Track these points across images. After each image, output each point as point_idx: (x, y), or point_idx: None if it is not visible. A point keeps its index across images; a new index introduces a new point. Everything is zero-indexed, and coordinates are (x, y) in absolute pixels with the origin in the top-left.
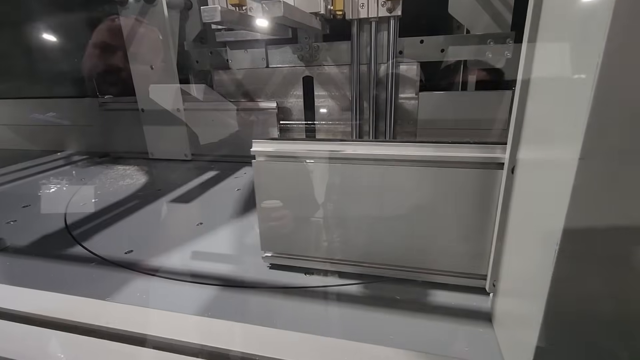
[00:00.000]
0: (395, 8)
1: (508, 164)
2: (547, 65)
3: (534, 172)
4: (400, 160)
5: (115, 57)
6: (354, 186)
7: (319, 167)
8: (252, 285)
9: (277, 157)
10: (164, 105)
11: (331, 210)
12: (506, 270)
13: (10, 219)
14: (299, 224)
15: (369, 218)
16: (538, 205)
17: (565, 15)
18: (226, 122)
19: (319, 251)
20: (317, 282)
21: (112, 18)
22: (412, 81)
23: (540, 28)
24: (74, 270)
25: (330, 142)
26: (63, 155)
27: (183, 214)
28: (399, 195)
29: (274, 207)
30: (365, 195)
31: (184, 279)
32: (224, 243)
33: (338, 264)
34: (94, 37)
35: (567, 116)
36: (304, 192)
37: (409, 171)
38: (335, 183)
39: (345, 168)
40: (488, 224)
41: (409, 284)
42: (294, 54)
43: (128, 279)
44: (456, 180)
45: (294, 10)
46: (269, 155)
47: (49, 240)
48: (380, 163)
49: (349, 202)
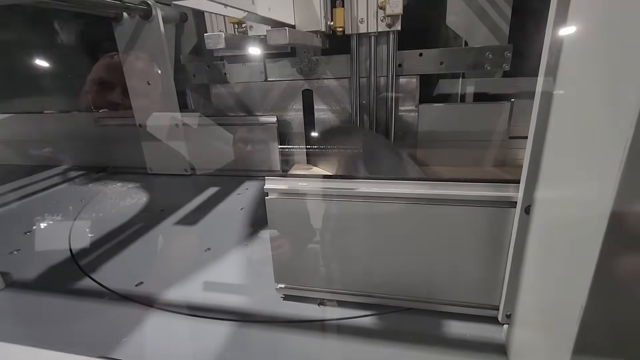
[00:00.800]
0: (395, 23)
1: (522, 204)
2: (574, 103)
3: (557, 211)
4: (412, 198)
5: (115, 93)
6: (367, 222)
7: (332, 204)
8: (267, 319)
9: (290, 194)
10: (162, 122)
11: (345, 245)
12: (525, 303)
13: (13, 247)
14: (312, 257)
15: (382, 253)
16: (566, 244)
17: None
18: (226, 137)
19: (332, 284)
20: (331, 313)
21: (112, 55)
22: (412, 94)
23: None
24: (88, 307)
25: (343, 180)
26: (59, 171)
27: (189, 238)
28: (411, 231)
29: (287, 241)
30: (379, 231)
31: (198, 314)
32: (235, 272)
33: (352, 295)
34: (93, 73)
35: (599, 158)
36: (317, 227)
37: (420, 209)
38: (348, 219)
39: (358, 205)
40: (501, 258)
41: (421, 314)
42: (293, 67)
43: (143, 316)
44: (469, 218)
45: (297, 34)
46: (282, 193)
47: (56, 273)
48: (393, 201)
49: (363, 237)
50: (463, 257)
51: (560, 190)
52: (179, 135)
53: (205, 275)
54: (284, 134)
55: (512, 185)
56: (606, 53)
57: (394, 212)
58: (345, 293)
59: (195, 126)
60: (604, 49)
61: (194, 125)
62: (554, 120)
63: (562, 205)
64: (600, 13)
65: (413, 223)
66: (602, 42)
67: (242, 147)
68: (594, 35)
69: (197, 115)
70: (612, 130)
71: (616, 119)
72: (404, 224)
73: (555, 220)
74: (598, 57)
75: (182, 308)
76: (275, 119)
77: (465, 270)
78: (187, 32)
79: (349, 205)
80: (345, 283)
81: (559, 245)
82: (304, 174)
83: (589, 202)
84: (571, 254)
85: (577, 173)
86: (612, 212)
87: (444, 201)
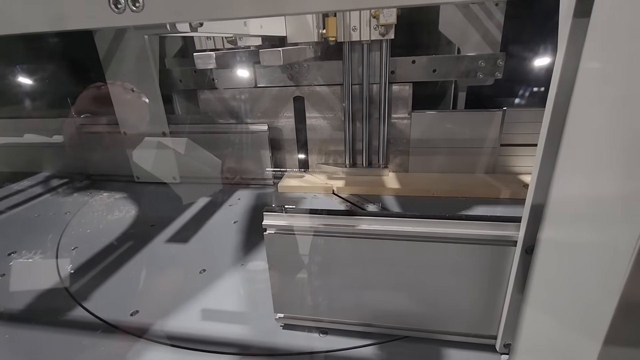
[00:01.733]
0: (389, 32)
1: (522, 244)
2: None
3: (563, 255)
4: (413, 236)
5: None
6: (368, 258)
7: (333, 240)
8: (265, 352)
9: (288, 231)
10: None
11: (345, 278)
12: (525, 337)
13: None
14: (312, 289)
15: (382, 286)
16: (576, 286)
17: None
18: (215, 145)
19: (332, 314)
20: (332, 342)
21: (99, 85)
22: (405, 101)
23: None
24: (82, 342)
25: (344, 217)
26: (40, 179)
27: (183, 258)
28: (410, 266)
29: (285, 275)
30: (380, 266)
31: (196, 347)
32: (232, 297)
33: (351, 324)
34: (78, 104)
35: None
36: (316, 262)
37: (421, 246)
38: (349, 255)
39: (360, 242)
40: (499, 292)
41: (422, 342)
42: (283, 73)
43: (142, 350)
44: (469, 256)
45: (291, 53)
46: (280, 229)
47: (46, 301)
48: (394, 238)
49: (363, 271)
50: (463, 291)
51: (567, 233)
52: (166, 143)
53: (202, 302)
54: (275, 141)
55: (513, 225)
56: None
57: (395, 248)
58: (346, 323)
59: (183, 134)
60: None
61: (182, 132)
62: (562, 161)
63: (569, 249)
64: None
65: (413, 259)
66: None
67: (231, 177)
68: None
69: (184, 125)
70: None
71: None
72: (404, 260)
73: (559, 263)
74: (609, 93)
75: (180, 341)
76: (267, 127)
77: (465, 302)
78: (171, 36)
79: (350, 242)
80: (346, 314)
81: (565, 289)
82: (302, 210)
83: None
84: (579, 299)
85: (586, 218)
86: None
87: (443, 239)
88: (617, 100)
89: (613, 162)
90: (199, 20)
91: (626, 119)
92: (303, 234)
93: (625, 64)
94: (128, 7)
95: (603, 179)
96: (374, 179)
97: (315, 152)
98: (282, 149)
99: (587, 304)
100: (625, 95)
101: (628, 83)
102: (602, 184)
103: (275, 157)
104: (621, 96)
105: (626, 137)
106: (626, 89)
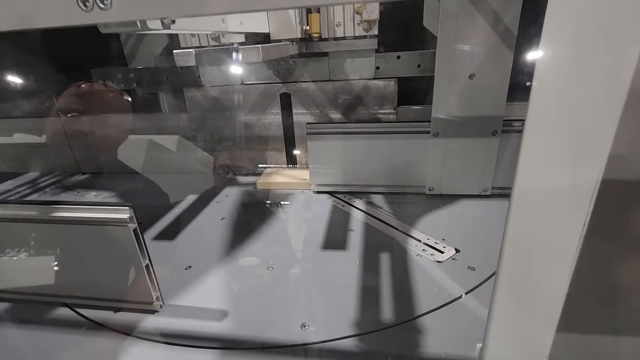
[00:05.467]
0: (372, 28)
1: None
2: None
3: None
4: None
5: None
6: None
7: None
8: (256, 346)
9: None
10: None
11: None
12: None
13: None
14: None
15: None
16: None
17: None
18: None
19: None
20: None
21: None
22: (390, 96)
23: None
24: (67, 340)
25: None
26: (28, 179)
27: (169, 255)
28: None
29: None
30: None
31: (181, 342)
32: (215, 292)
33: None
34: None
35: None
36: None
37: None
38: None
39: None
40: None
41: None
42: (270, 70)
43: (128, 347)
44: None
45: (271, 50)
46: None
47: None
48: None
49: None
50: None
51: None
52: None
53: (185, 298)
54: (262, 137)
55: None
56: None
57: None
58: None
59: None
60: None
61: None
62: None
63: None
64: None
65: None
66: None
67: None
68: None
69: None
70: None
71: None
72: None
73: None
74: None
75: (166, 337)
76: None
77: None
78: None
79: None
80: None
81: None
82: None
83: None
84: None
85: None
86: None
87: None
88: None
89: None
90: (170, 17)
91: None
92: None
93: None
94: (96, 5)
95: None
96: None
97: (303, 148)
98: (268, 145)
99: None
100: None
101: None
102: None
103: (264, 154)
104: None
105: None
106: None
